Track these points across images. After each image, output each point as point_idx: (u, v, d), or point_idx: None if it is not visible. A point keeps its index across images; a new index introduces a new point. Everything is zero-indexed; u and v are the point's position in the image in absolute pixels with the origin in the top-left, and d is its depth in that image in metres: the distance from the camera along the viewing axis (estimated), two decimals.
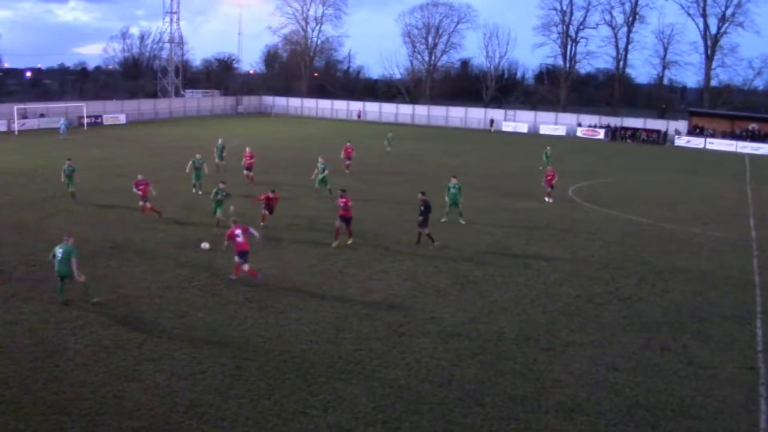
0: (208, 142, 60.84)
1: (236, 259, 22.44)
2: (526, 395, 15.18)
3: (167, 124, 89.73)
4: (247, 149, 42.78)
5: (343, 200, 27.11)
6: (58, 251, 20.17)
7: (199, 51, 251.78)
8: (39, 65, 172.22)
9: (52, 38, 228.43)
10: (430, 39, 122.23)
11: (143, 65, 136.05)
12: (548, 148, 54.33)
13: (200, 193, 36.84)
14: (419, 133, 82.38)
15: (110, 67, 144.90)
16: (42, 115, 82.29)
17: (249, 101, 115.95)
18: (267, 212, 29.92)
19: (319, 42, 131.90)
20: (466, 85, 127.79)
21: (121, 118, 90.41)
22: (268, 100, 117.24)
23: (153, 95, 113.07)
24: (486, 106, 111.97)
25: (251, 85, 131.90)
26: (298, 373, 15.90)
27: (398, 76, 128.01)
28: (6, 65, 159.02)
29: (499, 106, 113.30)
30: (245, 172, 41.51)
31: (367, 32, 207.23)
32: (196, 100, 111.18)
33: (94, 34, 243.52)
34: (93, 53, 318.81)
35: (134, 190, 32.09)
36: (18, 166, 49.18)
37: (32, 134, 72.90)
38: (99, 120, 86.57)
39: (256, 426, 13.50)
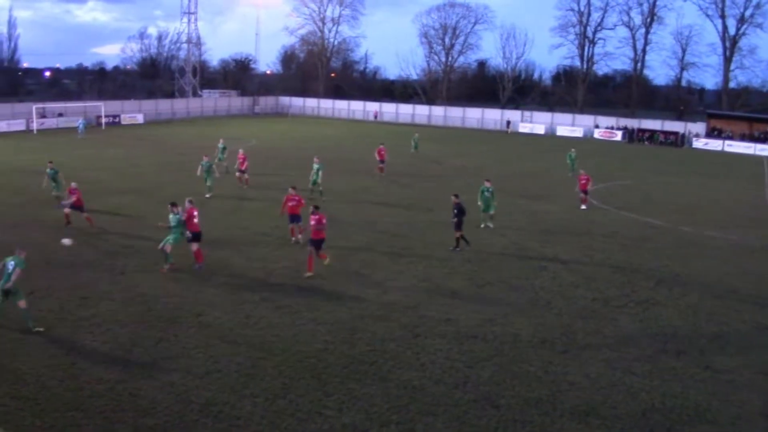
0: (226, 142, 61.07)
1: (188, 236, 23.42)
2: (542, 398, 15.13)
3: (184, 124, 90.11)
4: (240, 151, 42.15)
5: (315, 217, 23.22)
6: (9, 264, 17.93)
7: (217, 51, 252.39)
8: (58, 65, 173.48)
9: (70, 38, 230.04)
10: (446, 40, 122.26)
11: (161, 65, 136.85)
12: (572, 150, 52.97)
13: (207, 196, 36.54)
14: (436, 135, 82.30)
15: (128, 67, 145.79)
16: (60, 115, 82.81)
17: (266, 101, 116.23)
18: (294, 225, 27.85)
19: (335, 43, 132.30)
20: (482, 86, 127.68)
21: (139, 118, 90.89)
22: (285, 100, 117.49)
23: (170, 95, 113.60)
24: (503, 107, 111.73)
25: (268, 85, 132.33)
26: (313, 372, 15.92)
27: (415, 77, 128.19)
28: (25, 65, 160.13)
29: (516, 108, 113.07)
30: (238, 174, 41.02)
31: (384, 33, 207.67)
32: (213, 101, 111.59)
33: (112, 34, 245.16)
34: (111, 53, 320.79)
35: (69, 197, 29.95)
36: (37, 165, 49.51)
37: (51, 133, 73.40)
38: (117, 120, 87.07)
39: (271, 425, 13.52)
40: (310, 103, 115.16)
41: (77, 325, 18.45)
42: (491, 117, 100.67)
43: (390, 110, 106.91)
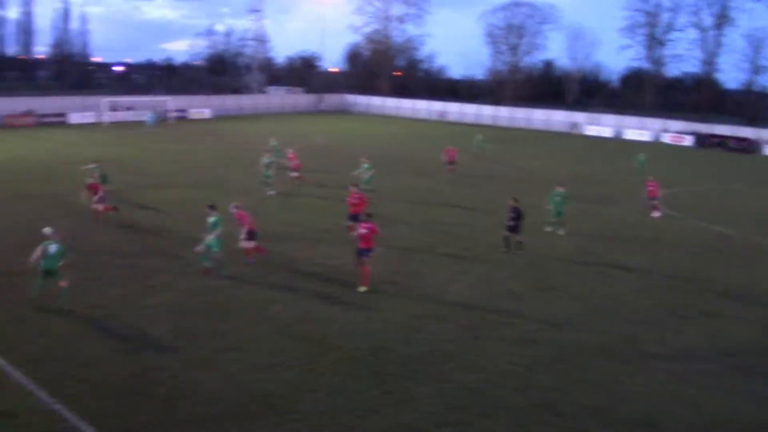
0: (290, 138, 61.67)
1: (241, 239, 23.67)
2: (602, 407, 14.86)
3: (251, 120, 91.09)
4: (290, 151, 42.15)
5: (367, 225, 21.76)
6: (51, 247, 19.11)
7: (283, 49, 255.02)
8: (128, 60, 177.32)
9: (140, 34, 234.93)
10: (512, 39, 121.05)
11: (228, 62, 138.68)
12: (641, 154, 52.11)
13: (270, 193, 36.75)
14: (501, 135, 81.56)
15: (196, 63, 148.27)
16: (130, 109, 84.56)
17: (331, 99, 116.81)
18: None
19: (401, 41, 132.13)
20: (548, 87, 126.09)
21: (206, 113, 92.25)
22: (350, 98, 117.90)
23: (237, 91, 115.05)
24: (569, 108, 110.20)
25: (333, 83, 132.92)
26: (371, 370, 15.94)
27: (480, 77, 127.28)
28: (97, 60, 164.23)
29: (582, 109, 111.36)
30: (290, 174, 40.78)
31: (449, 32, 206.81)
32: (279, 97, 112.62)
33: (180, 30, 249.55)
34: (180, 49, 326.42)
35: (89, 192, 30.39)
36: (105, 156, 50.66)
37: (120, 127, 74.96)
38: (185, 114, 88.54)
39: (329, 420, 13.58)
40: (375, 102, 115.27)
41: (142, 313, 18.82)
42: (557, 118, 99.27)
43: (455, 110, 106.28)
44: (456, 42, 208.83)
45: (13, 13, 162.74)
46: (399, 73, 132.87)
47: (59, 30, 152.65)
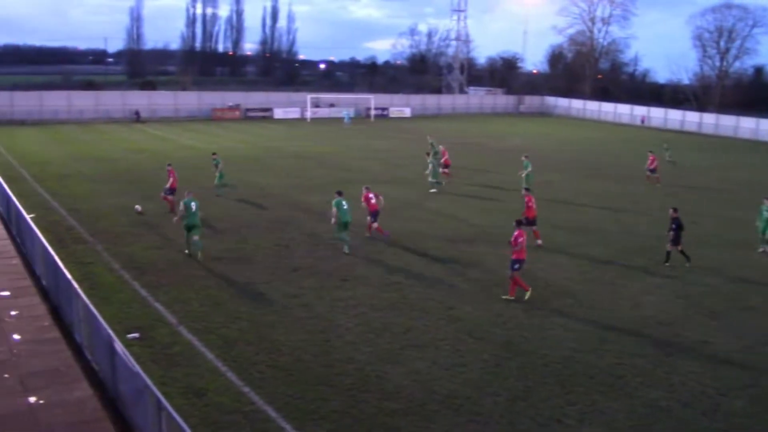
0: (489, 139, 61.36)
1: (368, 219, 26.18)
2: None
3: (449, 120, 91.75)
4: (441, 147, 42.33)
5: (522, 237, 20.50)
6: (192, 204, 23.10)
7: (484, 49, 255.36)
8: (332, 58, 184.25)
9: (345, 33, 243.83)
10: (722, 43, 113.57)
11: (429, 61, 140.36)
12: None
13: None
14: (705, 143, 76.83)
15: (398, 62, 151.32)
16: (332, 105, 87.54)
17: (531, 101, 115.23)
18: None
19: (605, 43, 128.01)
20: (759, 94, 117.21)
21: (406, 112, 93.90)
22: (551, 100, 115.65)
23: (438, 91, 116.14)
24: None
25: (534, 84, 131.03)
26: (557, 379, 15.35)
27: (686, 82, 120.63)
28: (302, 57, 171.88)
29: None
30: (441, 170, 40.41)
31: (656, 34, 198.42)
32: (478, 98, 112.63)
33: (384, 30, 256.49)
34: (382, 48, 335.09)
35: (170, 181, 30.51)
36: (307, 151, 52.70)
37: (322, 122, 77.83)
38: (385, 112, 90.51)
39: (509, 426, 13.16)
40: (576, 105, 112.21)
41: (334, 305, 19.23)
42: (766, 128, 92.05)
43: (658, 115, 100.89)
44: (662, 44, 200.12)
45: (224, 11, 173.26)
46: (601, 76, 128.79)
47: (267, 28, 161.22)
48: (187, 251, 23.63)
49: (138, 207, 29.65)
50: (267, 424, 12.82)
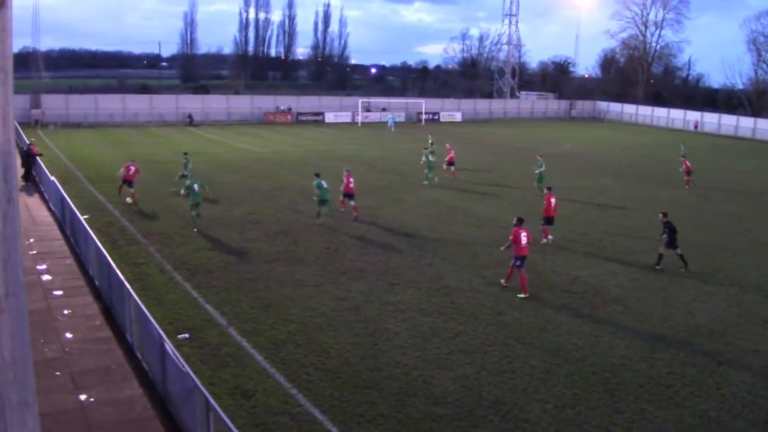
0: (540, 144, 60.83)
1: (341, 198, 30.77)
2: None
3: (500, 124, 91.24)
4: (447, 145, 43.88)
5: (524, 233, 21.19)
6: (195, 185, 27.90)
7: (536, 53, 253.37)
8: (383, 62, 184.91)
9: (396, 37, 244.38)
10: None
11: (481, 66, 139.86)
12: None
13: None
14: (760, 149, 74.95)
15: (449, 66, 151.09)
16: (384, 110, 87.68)
17: (583, 106, 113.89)
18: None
19: (657, 47, 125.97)
20: None
21: (457, 116, 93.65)
22: (603, 105, 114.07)
23: (489, 95, 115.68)
24: None
25: (586, 89, 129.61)
26: (606, 387, 15.08)
27: (740, 86, 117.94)
28: (353, 61, 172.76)
29: None
30: (446, 167, 42.30)
31: (710, 38, 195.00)
32: (530, 102, 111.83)
33: (435, 34, 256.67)
34: (434, 53, 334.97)
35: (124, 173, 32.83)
36: (359, 155, 52.83)
37: (373, 126, 77.92)
38: (436, 117, 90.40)
39: None
40: (628, 109, 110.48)
41: (383, 309, 19.19)
42: None
43: (712, 121, 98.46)
44: (716, 49, 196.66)
45: (276, 16, 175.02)
46: (654, 81, 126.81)
47: (319, 32, 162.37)
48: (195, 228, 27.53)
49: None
50: (314, 427, 12.82)
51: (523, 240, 20.95)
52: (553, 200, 27.32)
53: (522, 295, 20.75)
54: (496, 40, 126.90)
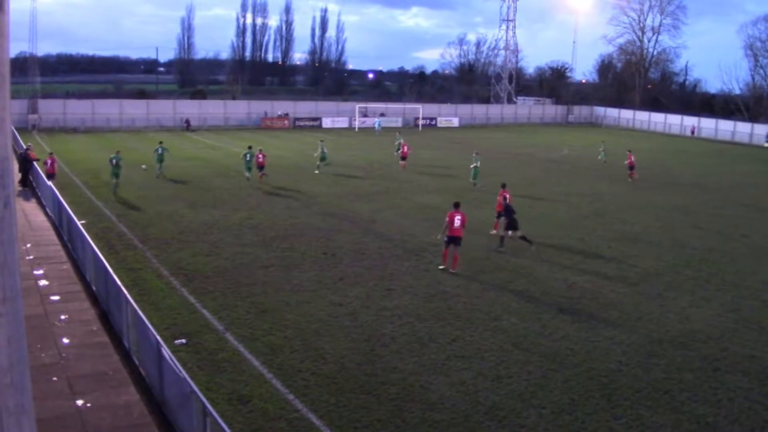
0: (537, 150, 60.94)
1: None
2: None
3: (498, 130, 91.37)
4: (402, 142, 46.56)
5: (459, 216, 23.60)
6: (113, 159, 35.16)
7: (533, 58, 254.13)
8: (380, 67, 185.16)
9: (393, 42, 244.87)
10: None
11: (478, 71, 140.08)
12: None
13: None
14: (756, 155, 74.99)
15: (446, 71, 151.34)
16: (382, 115, 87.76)
17: (580, 111, 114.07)
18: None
19: (654, 53, 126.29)
20: None
21: (454, 122, 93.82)
22: (600, 110, 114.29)
23: (486, 101, 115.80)
24: None
25: (583, 94, 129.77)
26: (603, 392, 15.09)
27: (737, 92, 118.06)
28: (350, 66, 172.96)
29: None
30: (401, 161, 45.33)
31: (707, 43, 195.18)
32: (527, 108, 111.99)
33: (433, 39, 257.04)
34: (431, 58, 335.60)
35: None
36: (356, 160, 52.88)
37: (370, 132, 77.91)
38: (433, 122, 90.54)
39: None
40: (625, 115, 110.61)
41: (380, 314, 19.18)
42: None
43: (709, 126, 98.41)
44: (713, 54, 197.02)
45: (274, 21, 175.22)
46: (651, 86, 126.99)
47: (317, 37, 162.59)
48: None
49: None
50: None
51: (456, 222, 23.40)
52: (507, 196, 28.03)
53: (441, 267, 23.66)
54: (494, 46, 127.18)
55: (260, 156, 40.54)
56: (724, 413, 14.41)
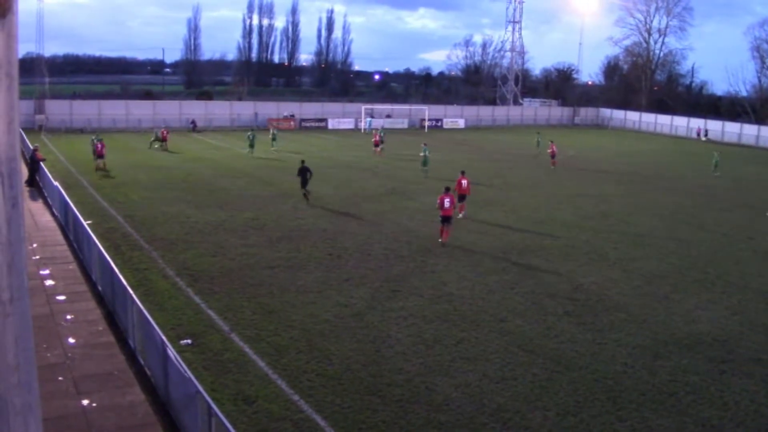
0: (542, 150, 60.87)
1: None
2: None
3: (504, 131, 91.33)
4: (377, 133, 49.19)
5: (448, 198, 27.50)
6: (98, 144, 36.07)
7: (539, 60, 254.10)
8: (386, 69, 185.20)
9: (400, 44, 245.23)
10: None
11: (484, 72, 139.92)
12: None
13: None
14: (763, 157, 74.75)
15: (452, 73, 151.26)
16: (388, 116, 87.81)
17: (586, 113, 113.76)
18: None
19: (661, 54, 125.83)
20: None
21: (460, 123, 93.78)
22: (606, 112, 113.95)
23: (492, 102, 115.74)
24: None
25: (589, 96, 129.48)
26: (608, 395, 15.06)
27: (744, 94, 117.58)
28: (356, 68, 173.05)
29: None
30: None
31: (713, 45, 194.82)
32: (533, 109, 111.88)
33: (439, 41, 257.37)
34: (437, 59, 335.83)
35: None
36: (361, 162, 52.89)
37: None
38: (439, 123, 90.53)
39: None
40: (632, 117, 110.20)
41: (386, 316, 19.18)
42: None
43: (715, 128, 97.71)
44: (720, 56, 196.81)
45: (280, 22, 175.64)
46: (658, 88, 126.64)
47: (323, 39, 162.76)
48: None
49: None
50: None
51: (446, 204, 27.04)
52: (464, 182, 32.13)
53: (441, 240, 27.29)
54: (500, 47, 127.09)
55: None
56: (729, 416, 14.37)
